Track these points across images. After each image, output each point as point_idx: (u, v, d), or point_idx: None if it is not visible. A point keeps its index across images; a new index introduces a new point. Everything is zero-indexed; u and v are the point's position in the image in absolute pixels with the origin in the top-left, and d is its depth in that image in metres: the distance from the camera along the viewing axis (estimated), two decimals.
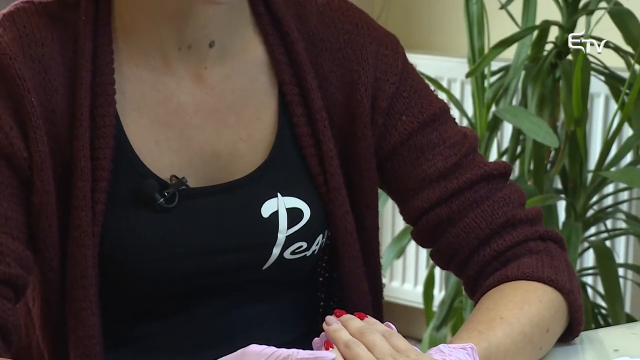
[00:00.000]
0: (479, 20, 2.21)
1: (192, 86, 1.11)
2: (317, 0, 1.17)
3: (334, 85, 1.14)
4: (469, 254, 1.14)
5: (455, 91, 2.82)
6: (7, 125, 1.03)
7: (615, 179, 2.11)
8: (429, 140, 1.15)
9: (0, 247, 1.01)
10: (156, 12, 1.08)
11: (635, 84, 1.99)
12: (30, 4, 1.08)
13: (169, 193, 1.07)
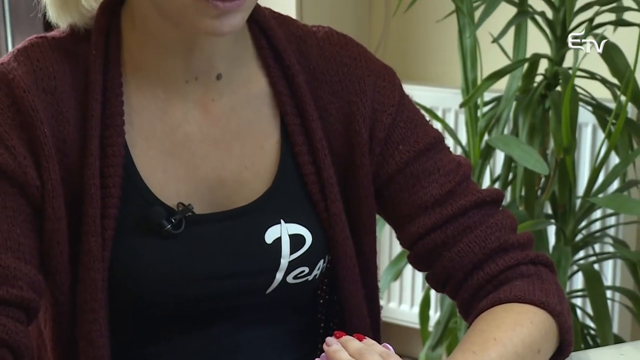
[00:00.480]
0: (472, 53, 2.22)
1: (198, 117, 1.11)
2: (317, 34, 1.18)
3: (333, 116, 1.14)
4: (463, 277, 1.14)
5: (449, 120, 2.82)
6: (21, 155, 1.03)
7: (603, 205, 2.11)
8: (424, 169, 1.15)
9: (14, 272, 1.01)
10: (163, 46, 1.08)
11: (621, 115, 2.00)
12: (43, 39, 1.09)
13: (175, 219, 1.07)
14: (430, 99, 2.78)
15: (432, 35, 3.03)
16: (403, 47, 3.13)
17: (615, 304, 2.53)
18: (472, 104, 2.21)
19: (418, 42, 3.10)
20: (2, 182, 1.03)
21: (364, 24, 3.17)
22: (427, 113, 2.30)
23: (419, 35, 3.09)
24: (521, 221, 2.05)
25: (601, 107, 2.20)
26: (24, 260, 1.03)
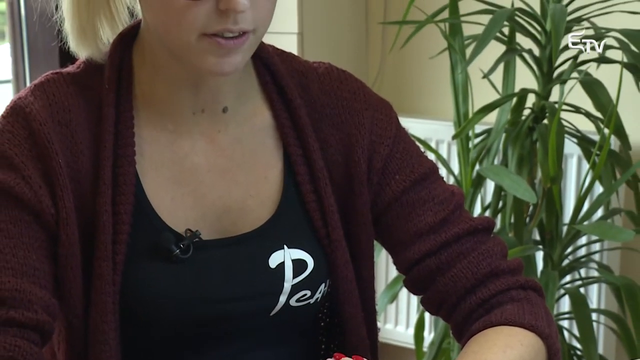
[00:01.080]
0: (464, 87, 2.22)
1: (205, 148, 1.11)
2: (318, 70, 1.18)
3: (333, 147, 1.14)
4: (457, 301, 1.13)
5: (442, 151, 2.82)
6: (37, 184, 1.03)
7: (588, 232, 2.11)
8: (419, 197, 1.15)
9: (29, 296, 1.00)
10: (171, 81, 1.08)
11: (604, 146, 2.00)
12: (59, 75, 1.09)
13: (184, 245, 1.07)
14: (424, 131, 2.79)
15: (426, 71, 3.04)
16: (398, 82, 3.14)
17: (600, 326, 2.52)
18: (464, 135, 2.22)
19: (413, 77, 3.11)
20: (18, 210, 1.03)
21: (361, 60, 3.17)
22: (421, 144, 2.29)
23: (413, 71, 3.10)
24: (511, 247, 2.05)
25: (586, 139, 2.21)
26: (39, 285, 1.02)
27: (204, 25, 0.98)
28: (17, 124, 1.05)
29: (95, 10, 1.08)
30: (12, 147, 1.04)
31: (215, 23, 0.98)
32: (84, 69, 1.11)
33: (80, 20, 1.08)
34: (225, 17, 0.98)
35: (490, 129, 2.21)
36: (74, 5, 1.08)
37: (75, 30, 1.09)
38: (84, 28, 1.09)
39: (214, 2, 0.97)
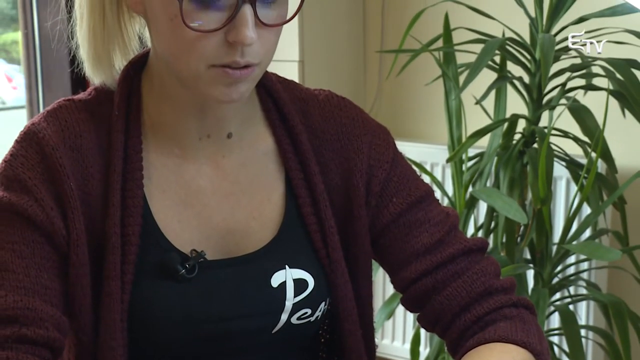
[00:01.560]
0: (457, 113, 2.22)
1: (210, 172, 1.11)
2: (318, 97, 1.18)
3: (333, 171, 1.14)
4: (452, 319, 1.13)
5: (437, 174, 2.83)
6: (49, 207, 1.03)
7: (576, 251, 2.10)
8: (416, 219, 1.14)
9: (40, 314, 1.00)
10: (178, 107, 1.08)
11: (592, 170, 2.00)
12: (70, 101, 1.09)
13: (189, 265, 1.07)
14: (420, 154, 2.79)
15: (421, 97, 3.04)
16: (395, 108, 3.14)
17: (589, 342, 2.51)
18: (458, 159, 2.22)
19: (408, 103, 3.12)
20: (31, 231, 1.03)
21: (359, 87, 3.18)
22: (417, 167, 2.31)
23: (409, 97, 3.11)
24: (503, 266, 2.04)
25: (574, 163, 2.21)
26: (50, 303, 1.02)
27: (213, 56, 0.98)
28: (31, 148, 1.05)
29: (111, 38, 1.08)
30: (26, 171, 1.03)
31: (223, 55, 0.98)
32: (95, 95, 1.11)
33: (96, 47, 1.08)
34: (233, 50, 0.98)
35: (483, 152, 2.21)
36: (90, 33, 1.07)
37: (91, 57, 1.09)
38: (99, 55, 1.09)
39: (223, 35, 0.97)
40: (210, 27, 0.96)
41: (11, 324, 0.99)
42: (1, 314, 1.00)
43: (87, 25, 1.07)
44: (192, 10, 0.96)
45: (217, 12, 0.96)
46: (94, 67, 1.10)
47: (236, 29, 0.96)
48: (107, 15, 1.06)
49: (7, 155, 1.06)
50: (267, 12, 0.98)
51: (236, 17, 0.96)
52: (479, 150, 2.27)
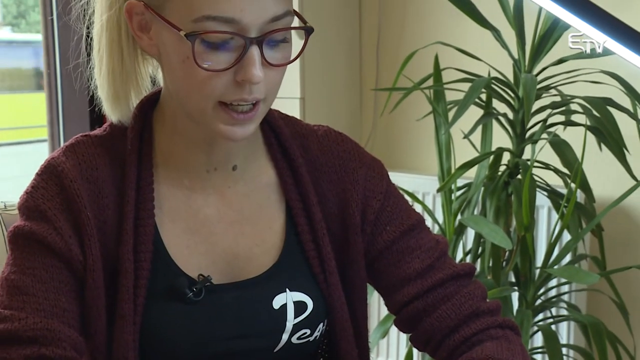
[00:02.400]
0: (447, 146, 2.23)
1: (216, 202, 1.10)
2: (317, 132, 1.18)
3: (331, 201, 1.14)
4: (441, 339, 1.12)
5: (428, 203, 2.82)
6: (67, 234, 1.02)
7: (557, 275, 2.09)
8: (408, 246, 1.14)
9: (59, 334, 1.00)
10: (187, 142, 1.08)
11: (571, 199, 2.00)
12: (87, 137, 1.09)
13: (197, 289, 1.06)
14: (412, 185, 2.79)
15: (413, 132, 3.05)
16: (389, 141, 3.15)
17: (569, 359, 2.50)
18: (447, 189, 2.22)
19: (401, 137, 3.12)
20: (50, 257, 1.03)
21: (356, 122, 3.19)
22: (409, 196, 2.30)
23: (402, 132, 3.11)
24: (489, 288, 2.04)
25: (555, 193, 2.21)
26: (68, 324, 1.02)
27: (222, 94, 0.99)
28: (50, 181, 1.04)
29: (128, 79, 1.08)
30: (46, 202, 1.03)
31: (232, 93, 0.98)
32: (110, 131, 1.11)
33: (115, 88, 1.08)
34: (241, 88, 0.98)
35: (471, 183, 2.21)
36: (109, 75, 1.08)
37: (110, 97, 1.09)
38: (118, 95, 1.09)
39: (232, 75, 0.97)
40: (220, 67, 0.97)
41: (31, 344, 0.99)
42: (22, 335, 0.99)
43: (107, 67, 1.08)
44: (203, 51, 0.96)
45: (227, 53, 0.97)
46: (113, 105, 1.10)
47: (244, 69, 0.96)
48: (125, 58, 1.07)
49: (28, 187, 1.06)
50: (272, 53, 0.99)
51: (244, 57, 0.96)
52: (467, 181, 2.27)
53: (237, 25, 0.95)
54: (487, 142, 2.22)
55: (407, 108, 2.53)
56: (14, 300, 1.01)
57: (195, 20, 0.95)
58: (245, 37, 0.96)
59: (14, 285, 1.02)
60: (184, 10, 0.96)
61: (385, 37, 3.14)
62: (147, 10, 1.00)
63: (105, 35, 1.06)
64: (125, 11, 1.02)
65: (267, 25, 0.97)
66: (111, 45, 1.06)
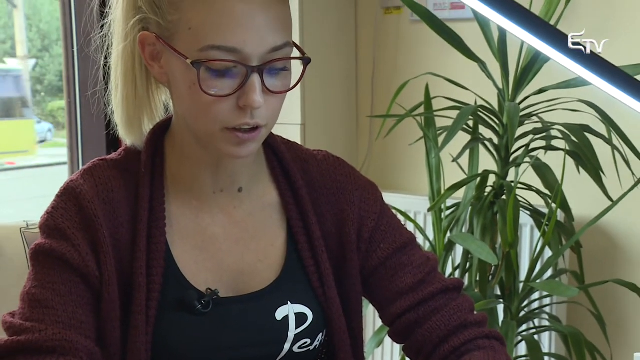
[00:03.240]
0: (437, 169, 2.23)
1: (223, 220, 1.10)
2: (317, 156, 1.18)
3: (329, 221, 1.14)
4: (432, 349, 1.11)
5: (420, 221, 2.81)
6: (85, 252, 1.02)
7: (540, 289, 2.09)
8: (400, 262, 1.14)
9: (76, 345, 0.99)
10: (197, 165, 1.08)
11: (552, 218, 2.00)
12: (104, 161, 1.09)
13: (205, 301, 1.06)
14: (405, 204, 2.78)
15: (406, 156, 3.05)
16: (383, 164, 3.15)
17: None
18: (437, 208, 2.22)
19: (395, 160, 3.12)
20: (69, 273, 1.02)
21: (353, 146, 3.19)
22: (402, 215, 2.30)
23: (395, 155, 3.11)
24: (476, 301, 2.03)
25: (537, 212, 2.21)
26: (84, 335, 1.01)
27: (227, 119, 0.99)
28: (70, 202, 1.04)
29: (141, 105, 1.08)
30: (65, 221, 1.03)
31: (235, 118, 0.99)
32: (124, 155, 1.11)
33: (128, 113, 1.08)
34: (244, 113, 0.98)
35: (459, 203, 2.21)
36: (124, 101, 1.08)
37: (124, 121, 1.09)
38: (131, 120, 1.09)
39: (235, 100, 0.98)
40: (224, 93, 0.97)
41: (50, 354, 0.99)
42: (42, 345, 0.99)
43: (121, 94, 1.08)
44: (208, 78, 0.97)
45: (230, 80, 0.97)
46: (127, 129, 1.10)
47: (246, 95, 0.97)
48: (138, 86, 1.07)
49: (49, 207, 1.06)
50: (272, 81, 0.99)
51: (246, 84, 0.97)
52: (455, 201, 2.27)
53: (240, 55, 0.96)
54: (474, 165, 2.22)
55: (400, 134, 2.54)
56: (34, 312, 1.01)
57: (201, 50, 0.96)
58: (247, 66, 0.96)
59: (35, 298, 1.01)
60: (191, 41, 0.97)
61: (380, 68, 3.15)
62: (158, 41, 1.01)
63: (120, 64, 1.07)
64: (139, 42, 1.03)
65: (268, 55, 0.97)
66: (126, 73, 1.07)
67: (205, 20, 0.96)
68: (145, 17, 1.02)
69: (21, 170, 4.33)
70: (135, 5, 1.03)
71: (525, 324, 2.24)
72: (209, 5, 0.96)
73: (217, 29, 0.95)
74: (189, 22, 0.97)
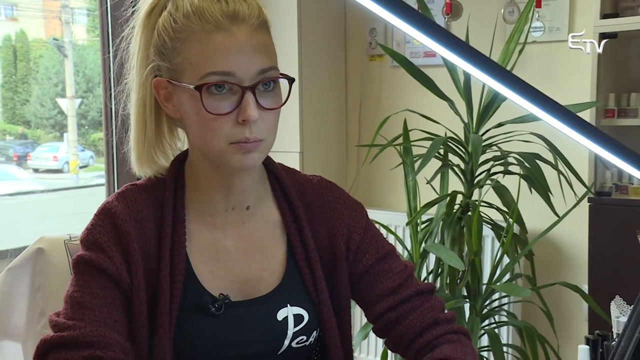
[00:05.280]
0: (413, 190, 2.23)
1: (233, 235, 1.09)
2: (312, 181, 1.17)
3: (322, 235, 1.13)
4: (409, 343, 1.10)
5: (399, 233, 2.82)
6: (118, 262, 1.01)
7: (499, 290, 2.09)
8: (382, 270, 1.13)
9: (110, 340, 0.98)
10: (211, 188, 1.07)
11: (510, 231, 2.00)
12: (134, 186, 1.08)
13: (218, 304, 1.04)
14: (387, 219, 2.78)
15: (387, 178, 3.05)
16: (369, 186, 3.15)
17: (509, 356, 2.47)
18: (414, 223, 2.21)
19: (378, 182, 3.12)
20: (105, 280, 1.01)
21: (343, 171, 3.19)
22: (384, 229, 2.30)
23: (378, 178, 3.11)
24: (446, 300, 2.03)
25: (497, 226, 2.21)
26: (118, 332, 1.00)
27: (230, 134, 0.98)
28: (106, 220, 1.04)
29: (150, 145, 1.08)
30: (102, 236, 1.02)
31: (237, 133, 0.98)
32: (151, 182, 1.10)
33: (138, 152, 1.08)
34: (244, 128, 0.98)
35: (432, 218, 2.21)
36: (134, 142, 1.08)
37: (135, 158, 1.09)
38: (141, 157, 1.08)
39: (234, 117, 0.98)
40: (225, 111, 0.97)
41: (88, 347, 0.97)
42: (81, 340, 0.97)
43: (132, 136, 1.08)
44: (210, 101, 0.97)
45: (228, 101, 0.97)
46: (137, 165, 1.09)
47: (243, 111, 0.97)
48: (147, 129, 1.07)
49: (88, 224, 1.05)
50: (264, 100, 0.99)
51: (242, 102, 0.97)
52: (429, 217, 2.27)
53: (234, 77, 0.96)
54: (445, 186, 2.23)
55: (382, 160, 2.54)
56: (75, 313, 1.00)
57: (201, 78, 0.97)
58: (241, 86, 0.97)
59: (76, 301, 1.00)
60: (193, 73, 0.97)
61: (365, 106, 3.17)
62: (169, 84, 1.01)
63: (133, 112, 1.07)
64: (154, 87, 1.03)
65: (257, 77, 0.98)
66: (137, 119, 1.07)
67: (202, 55, 0.97)
68: (156, 65, 1.02)
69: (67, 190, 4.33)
70: (146, 55, 1.04)
71: (487, 319, 2.23)
72: (204, 42, 0.97)
73: (212, 59, 0.96)
74: (190, 59, 0.98)
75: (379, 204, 3.09)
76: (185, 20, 0.98)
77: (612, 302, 1.29)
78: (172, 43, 0.99)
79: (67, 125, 4.13)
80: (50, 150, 4.26)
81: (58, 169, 4.24)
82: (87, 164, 4.27)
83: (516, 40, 2.14)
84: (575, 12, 2.63)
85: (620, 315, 1.25)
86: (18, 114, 4.18)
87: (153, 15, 1.03)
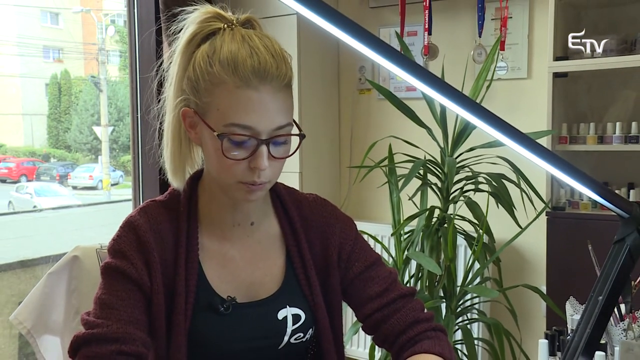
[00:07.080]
0: (397, 205, 2.22)
1: (239, 246, 1.07)
2: (309, 199, 1.15)
3: (317, 246, 1.11)
4: (394, 339, 1.08)
5: (385, 242, 2.80)
6: (140, 268, 0.99)
7: (471, 292, 2.07)
8: (370, 276, 1.11)
9: (133, 336, 0.96)
10: (220, 205, 1.05)
11: (480, 241, 1.98)
12: (154, 202, 1.07)
13: (226, 305, 1.02)
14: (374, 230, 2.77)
15: (375, 195, 3.04)
16: (359, 201, 3.14)
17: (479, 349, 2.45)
18: (398, 233, 2.20)
19: (367, 198, 3.11)
20: (129, 283, 0.99)
21: (336, 188, 3.18)
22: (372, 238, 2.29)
23: (367, 195, 3.10)
24: (425, 301, 2.01)
25: (469, 236, 2.19)
26: (140, 329, 0.98)
27: (241, 176, 0.97)
28: (130, 232, 1.02)
29: (184, 159, 1.06)
30: (126, 246, 1.01)
31: (247, 176, 0.97)
32: (169, 197, 1.08)
33: (174, 164, 1.06)
34: (253, 172, 0.96)
35: (414, 229, 2.19)
36: (171, 155, 1.06)
37: (171, 170, 1.07)
38: (176, 169, 1.06)
39: (247, 162, 0.96)
40: (240, 157, 0.95)
41: (114, 342, 0.95)
42: (108, 336, 0.95)
43: (170, 150, 1.06)
44: (229, 147, 0.95)
45: (245, 149, 0.95)
46: (173, 175, 1.07)
47: (256, 160, 0.95)
48: (182, 144, 1.05)
49: (114, 235, 1.03)
50: (276, 150, 0.97)
51: (257, 152, 0.95)
52: (411, 228, 2.25)
53: (253, 131, 0.94)
54: (424, 202, 2.21)
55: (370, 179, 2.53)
56: (103, 312, 0.98)
57: (225, 125, 0.94)
58: (258, 139, 0.95)
59: (104, 302, 0.98)
60: (218, 118, 0.95)
61: (356, 133, 3.16)
62: (195, 115, 0.99)
63: (170, 129, 1.05)
64: (182, 114, 1.02)
65: (274, 132, 0.96)
66: (173, 136, 1.05)
67: (229, 105, 0.94)
68: (187, 97, 1.01)
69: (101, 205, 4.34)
70: (180, 88, 1.02)
71: (461, 317, 2.21)
72: (233, 94, 0.94)
73: (237, 111, 0.94)
74: (218, 105, 0.95)
75: (367, 217, 3.07)
76: (220, 68, 0.95)
77: (567, 302, 1.27)
78: (205, 84, 0.97)
79: (101, 149, 4.15)
80: (87, 170, 4.28)
81: (93, 187, 4.25)
82: (117, 182, 4.28)
83: (484, 77, 2.15)
84: (533, 54, 2.66)
85: (574, 314, 1.24)
86: (61, 139, 4.22)
87: (192, 45, 1.00)
